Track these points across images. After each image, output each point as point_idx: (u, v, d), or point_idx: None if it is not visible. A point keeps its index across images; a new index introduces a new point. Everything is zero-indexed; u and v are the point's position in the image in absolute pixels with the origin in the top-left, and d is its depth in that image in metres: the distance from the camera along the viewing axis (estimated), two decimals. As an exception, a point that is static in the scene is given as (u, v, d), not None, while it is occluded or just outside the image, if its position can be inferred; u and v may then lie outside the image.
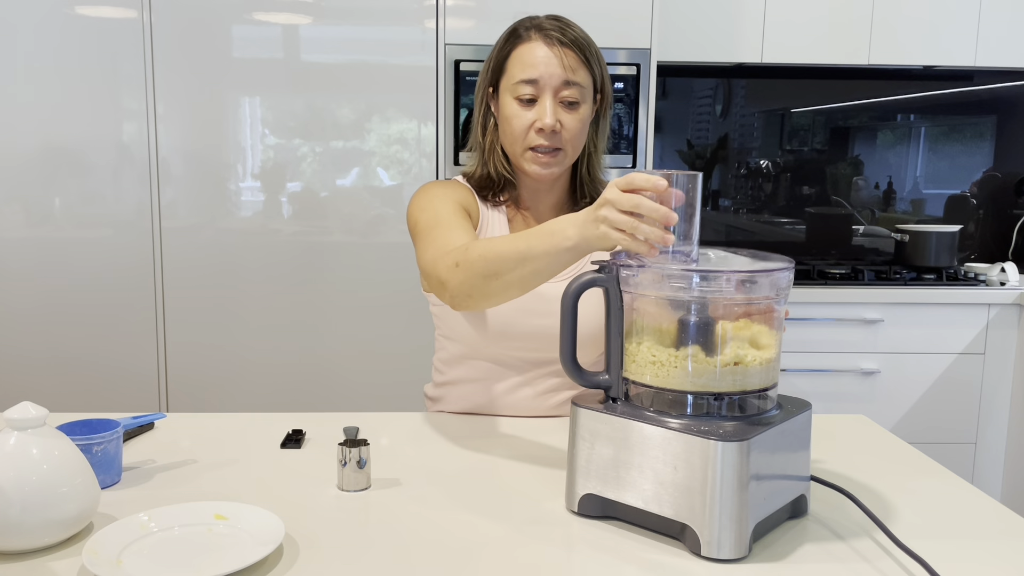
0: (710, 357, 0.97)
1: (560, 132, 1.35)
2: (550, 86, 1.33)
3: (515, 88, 1.35)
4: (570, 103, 1.35)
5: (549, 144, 1.35)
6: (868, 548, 0.98)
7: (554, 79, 1.33)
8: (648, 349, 1.00)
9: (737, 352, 0.97)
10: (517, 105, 1.35)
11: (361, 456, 1.12)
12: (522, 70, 1.34)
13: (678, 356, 0.98)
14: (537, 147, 1.35)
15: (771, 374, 1.01)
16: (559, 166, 1.38)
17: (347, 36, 2.54)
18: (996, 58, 2.93)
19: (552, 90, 1.34)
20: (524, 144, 1.36)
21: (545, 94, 1.34)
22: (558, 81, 1.33)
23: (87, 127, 2.51)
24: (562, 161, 1.38)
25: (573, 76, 1.34)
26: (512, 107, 1.36)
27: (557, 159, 1.37)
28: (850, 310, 2.76)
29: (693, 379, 0.97)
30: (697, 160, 3.30)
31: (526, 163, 1.37)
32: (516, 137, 1.36)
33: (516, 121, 1.35)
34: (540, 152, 1.35)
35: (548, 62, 1.33)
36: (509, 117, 1.36)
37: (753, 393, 0.99)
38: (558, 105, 1.34)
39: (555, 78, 1.33)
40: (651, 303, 1.01)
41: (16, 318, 2.56)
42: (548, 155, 1.36)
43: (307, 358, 2.64)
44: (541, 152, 1.35)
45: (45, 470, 0.93)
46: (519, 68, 1.35)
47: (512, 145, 1.38)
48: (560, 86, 1.34)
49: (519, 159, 1.38)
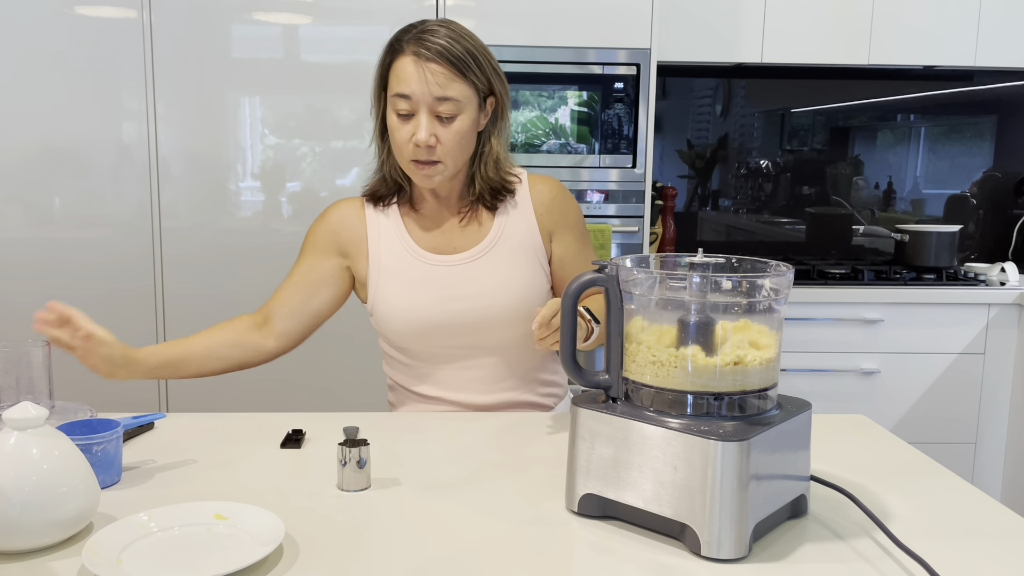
0: (710, 357, 0.97)
1: (436, 146, 1.37)
2: (424, 102, 1.34)
3: (394, 101, 1.37)
4: (446, 117, 1.36)
5: (426, 158, 1.37)
6: (868, 548, 0.98)
7: (426, 96, 1.34)
8: (648, 349, 1.00)
9: (737, 352, 0.97)
10: (396, 119, 1.37)
11: (361, 456, 1.12)
12: (397, 84, 1.36)
13: (678, 356, 0.98)
14: (416, 160, 1.38)
15: (771, 374, 1.01)
16: (440, 175, 1.41)
17: (347, 36, 2.54)
18: (996, 58, 2.93)
19: (426, 106, 1.35)
20: (405, 157, 1.39)
21: (420, 109, 1.35)
22: (430, 98, 1.34)
23: (87, 127, 2.51)
24: (442, 172, 1.40)
25: (444, 92, 1.34)
26: (392, 120, 1.38)
27: (437, 170, 1.40)
28: (850, 310, 2.76)
29: (693, 379, 0.97)
30: (697, 160, 3.31)
31: (411, 173, 1.41)
32: (399, 148, 1.39)
33: (396, 134, 1.38)
34: (420, 164, 1.38)
35: (419, 79, 1.34)
36: (392, 129, 1.39)
37: (753, 393, 0.99)
38: (434, 119, 1.36)
39: (427, 95, 1.34)
40: (651, 303, 1.02)
41: (16, 318, 2.56)
42: (427, 166, 1.38)
43: (308, 358, 2.63)
44: (420, 164, 1.38)
45: (45, 470, 0.93)
46: (395, 82, 1.36)
47: (397, 156, 1.41)
48: (433, 102, 1.35)
49: (405, 169, 1.42)
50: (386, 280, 1.46)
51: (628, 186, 2.65)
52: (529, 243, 1.48)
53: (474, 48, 1.37)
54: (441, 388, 1.50)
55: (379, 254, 1.47)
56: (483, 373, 1.49)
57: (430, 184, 1.42)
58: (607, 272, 1.03)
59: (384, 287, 1.46)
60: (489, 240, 1.47)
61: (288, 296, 1.51)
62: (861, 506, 1.03)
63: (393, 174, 1.47)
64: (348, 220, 1.50)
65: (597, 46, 2.58)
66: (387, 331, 1.48)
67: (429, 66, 1.33)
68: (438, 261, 1.46)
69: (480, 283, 1.44)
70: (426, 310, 1.44)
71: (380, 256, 1.47)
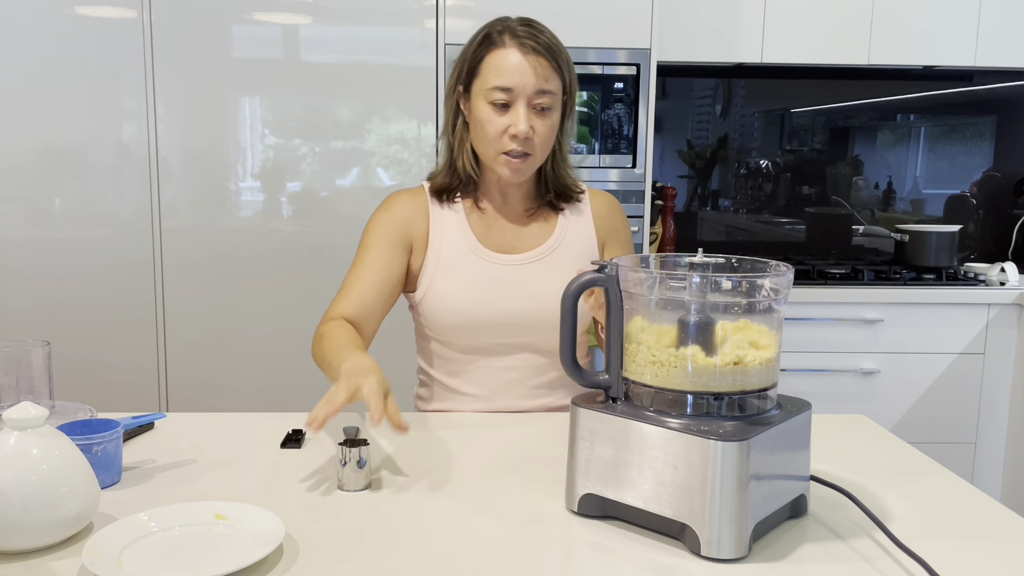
0: (710, 357, 0.97)
1: (532, 138, 1.39)
2: (524, 94, 1.37)
3: (489, 93, 1.38)
4: (542, 109, 1.39)
5: (521, 149, 1.38)
6: (868, 548, 0.98)
7: (528, 88, 1.37)
8: (648, 349, 1.00)
9: (737, 352, 0.97)
10: (490, 110, 1.38)
11: (361, 456, 1.12)
12: (496, 76, 1.37)
13: (678, 356, 0.98)
14: (509, 151, 1.39)
15: (771, 374, 1.01)
16: (529, 170, 1.43)
17: (347, 36, 2.54)
18: (996, 58, 2.93)
19: (526, 98, 1.37)
20: (497, 148, 1.40)
21: (519, 101, 1.37)
22: (532, 90, 1.37)
23: (87, 127, 2.51)
24: (532, 165, 1.43)
25: (546, 84, 1.38)
26: (485, 111, 1.38)
27: (528, 163, 1.41)
28: (850, 310, 2.76)
29: (693, 379, 0.97)
30: (697, 160, 3.31)
31: (498, 166, 1.42)
32: (489, 141, 1.40)
33: (489, 126, 1.38)
34: (512, 156, 1.39)
35: (522, 70, 1.36)
36: (482, 121, 1.39)
37: (753, 393, 0.99)
38: (530, 111, 1.38)
39: (528, 87, 1.37)
40: (651, 303, 1.02)
41: (16, 318, 2.56)
42: (519, 159, 1.39)
43: (307, 358, 2.63)
44: (513, 156, 1.39)
45: (45, 470, 0.93)
46: (493, 74, 1.37)
47: (484, 148, 1.41)
48: (533, 94, 1.37)
49: (491, 162, 1.42)
50: (442, 274, 1.46)
51: (628, 186, 2.65)
52: (588, 252, 1.50)
53: (563, 47, 1.41)
54: (477, 385, 1.49)
55: (439, 247, 1.47)
56: (523, 375, 1.49)
57: (519, 177, 1.43)
58: (607, 272, 1.03)
59: (440, 281, 1.45)
60: (551, 243, 1.49)
61: (371, 297, 1.44)
62: (861, 506, 1.03)
63: (467, 168, 1.46)
64: (413, 212, 1.49)
65: (597, 46, 2.58)
66: (434, 323, 1.47)
67: (534, 59, 1.36)
68: (499, 260, 1.46)
69: (538, 285, 1.44)
70: (481, 307, 1.44)
71: (440, 249, 1.47)
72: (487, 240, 1.48)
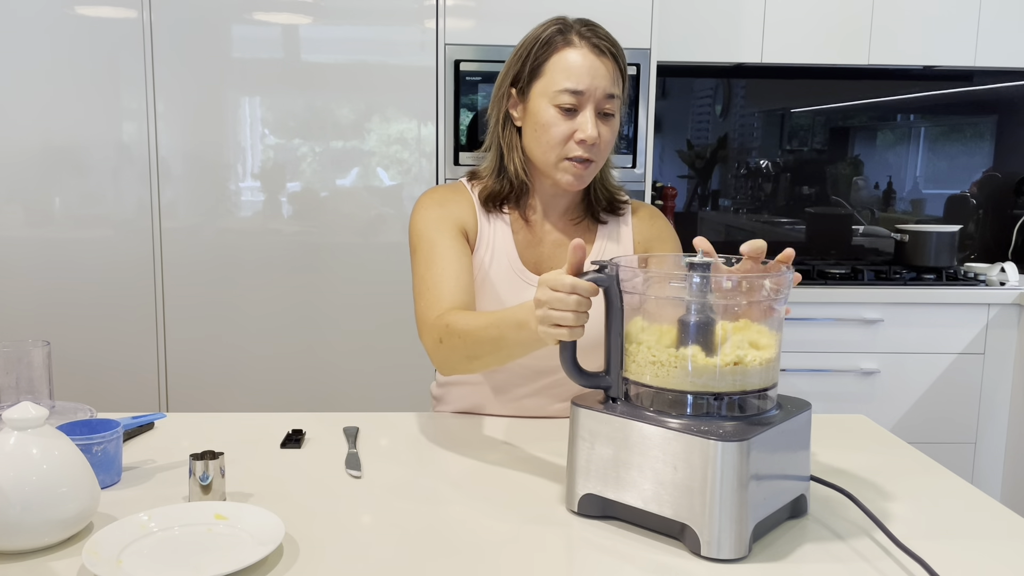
0: (710, 357, 0.97)
1: (597, 144, 1.32)
2: (593, 98, 1.30)
3: (556, 96, 1.30)
4: (607, 114, 1.33)
5: (586, 155, 1.32)
6: (868, 548, 0.98)
7: (598, 91, 1.30)
8: (648, 349, 1.00)
9: (737, 352, 0.97)
10: (556, 112, 1.30)
11: (208, 471, 1.04)
12: (567, 78, 1.29)
13: (678, 356, 0.98)
14: (574, 157, 1.32)
15: (771, 374, 1.01)
16: (590, 177, 1.37)
17: (347, 36, 2.54)
18: (996, 58, 2.93)
19: (595, 101, 1.30)
20: (560, 153, 1.32)
21: (587, 105, 1.30)
22: (602, 94, 1.30)
23: (87, 127, 2.51)
24: (593, 172, 1.36)
25: (614, 88, 1.32)
26: (550, 113, 1.31)
27: (589, 170, 1.35)
28: (850, 310, 2.76)
29: (693, 379, 0.97)
30: (697, 160, 3.31)
31: (559, 172, 1.34)
32: (552, 145, 1.32)
33: (555, 130, 1.31)
34: (576, 162, 1.32)
35: (595, 73, 1.30)
36: (546, 124, 1.31)
37: (753, 393, 0.99)
38: (596, 116, 1.31)
39: (599, 90, 1.30)
40: (651, 303, 1.02)
41: (16, 318, 2.56)
42: (584, 165, 1.33)
43: (307, 358, 2.64)
44: (577, 163, 1.32)
45: (45, 470, 0.93)
46: (563, 75, 1.30)
47: (545, 153, 1.33)
48: (603, 99, 1.31)
49: (550, 167, 1.34)
50: (483, 291, 1.38)
51: (628, 186, 2.65)
52: None
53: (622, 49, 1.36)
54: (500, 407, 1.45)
55: (484, 260, 1.39)
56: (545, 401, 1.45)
57: (581, 185, 1.35)
58: (607, 272, 1.03)
59: (479, 298, 1.38)
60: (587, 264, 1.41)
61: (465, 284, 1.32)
62: (861, 506, 1.03)
63: (520, 174, 1.38)
64: (461, 207, 1.40)
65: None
66: None
67: (606, 61, 1.31)
68: (535, 281, 1.38)
69: None
70: None
71: (485, 262, 1.39)
72: (527, 259, 1.41)
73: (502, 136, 1.39)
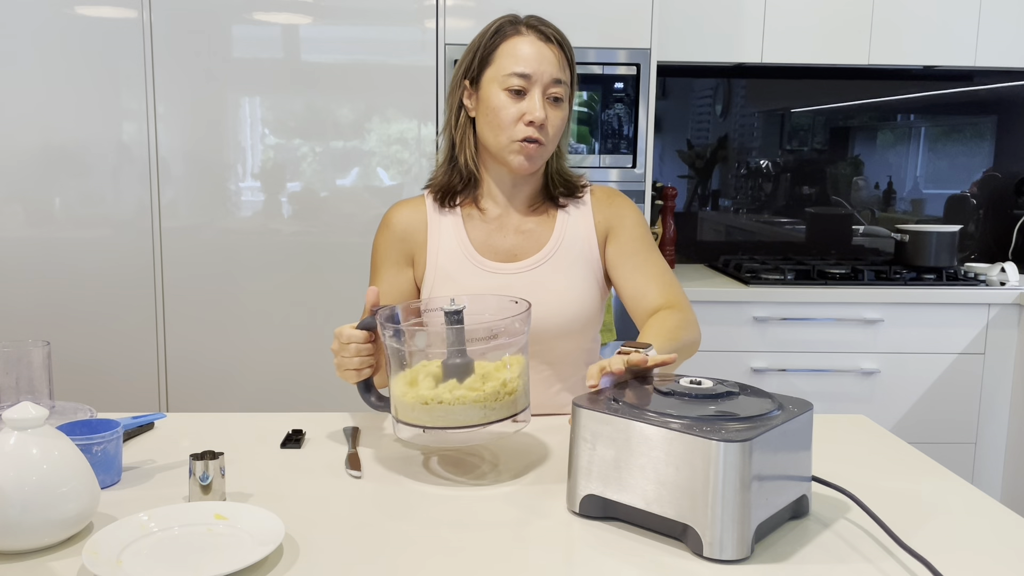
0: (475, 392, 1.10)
1: (546, 126, 1.38)
2: (541, 81, 1.38)
3: (505, 80, 1.38)
4: (555, 99, 1.39)
5: (535, 136, 1.38)
6: (870, 548, 0.98)
7: (545, 75, 1.38)
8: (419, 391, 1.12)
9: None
10: (505, 96, 1.38)
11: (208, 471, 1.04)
12: (515, 62, 1.37)
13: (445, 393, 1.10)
14: (524, 139, 1.38)
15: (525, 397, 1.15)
16: (541, 159, 1.43)
17: (347, 36, 2.54)
18: (996, 58, 2.93)
19: (542, 85, 1.38)
20: (510, 135, 1.38)
21: (535, 88, 1.37)
22: (548, 78, 1.38)
23: (87, 127, 2.51)
24: (544, 155, 1.42)
25: (561, 74, 1.39)
26: (500, 98, 1.38)
27: (540, 152, 1.40)
28: (850, 310, 2.76)
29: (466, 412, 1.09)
30: (697, 160, 3.30)
31: (511, 155, 1.40)
32: (503, 127, 1.38)
33: (504, 112, 1.38)
34: (527, 143, 1.38)
35: (541, 58, 1.37)
36: (496, 108, 1.38)
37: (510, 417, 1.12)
38: (545, 100, 1.38)
39: (546, 74, 1.38)
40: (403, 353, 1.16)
41: (16, 318, 2.56)
42: (535, 146, 1.39)
43: (307, 358, 2.64)
44: (528, 143, 1.38)
45: (45, 470, 0.93)
46: (511, 60, 1.38)
47: (497, 136, 1.40)
48: (550, 83, 1.38)
49: (503, 151, 1.40)
50: (440, 285, 1.44)
51: (628, 186, 2.65)
52: (586, 256, 1.47)
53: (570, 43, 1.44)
54: None
55: (437, 257, 1.46)
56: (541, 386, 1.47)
57: (532, 166, 1.41)
58: (376, 317, 1.18)
59: (438, 292, 1.44)
60: (548, 249, 1.46)
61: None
62: (862, 506, 1.03)
63: (470, 164, 1.45)
64: (411, 225, 1.48)
65: (597, 46, 2.58)
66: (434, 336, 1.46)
67: (551, 47, 1.38)
68: (496, 269, 1.45)
69: (535, 294, 1.40)
70: None
71: (438, 259, 1.46)
72: (485, 248, 1.46)
73: (455, 129, 1.46)
